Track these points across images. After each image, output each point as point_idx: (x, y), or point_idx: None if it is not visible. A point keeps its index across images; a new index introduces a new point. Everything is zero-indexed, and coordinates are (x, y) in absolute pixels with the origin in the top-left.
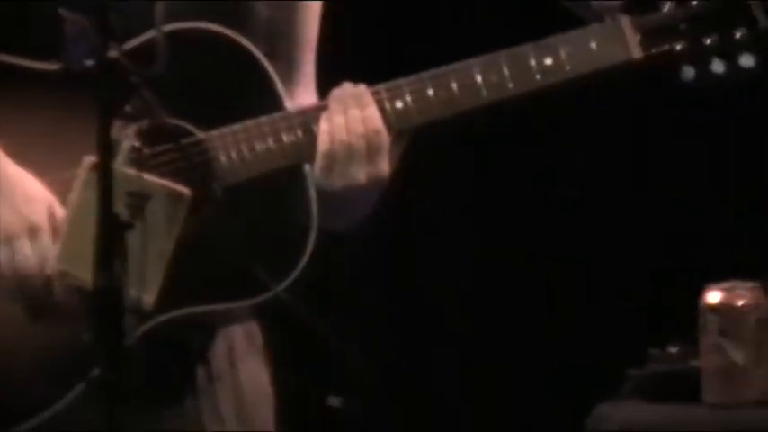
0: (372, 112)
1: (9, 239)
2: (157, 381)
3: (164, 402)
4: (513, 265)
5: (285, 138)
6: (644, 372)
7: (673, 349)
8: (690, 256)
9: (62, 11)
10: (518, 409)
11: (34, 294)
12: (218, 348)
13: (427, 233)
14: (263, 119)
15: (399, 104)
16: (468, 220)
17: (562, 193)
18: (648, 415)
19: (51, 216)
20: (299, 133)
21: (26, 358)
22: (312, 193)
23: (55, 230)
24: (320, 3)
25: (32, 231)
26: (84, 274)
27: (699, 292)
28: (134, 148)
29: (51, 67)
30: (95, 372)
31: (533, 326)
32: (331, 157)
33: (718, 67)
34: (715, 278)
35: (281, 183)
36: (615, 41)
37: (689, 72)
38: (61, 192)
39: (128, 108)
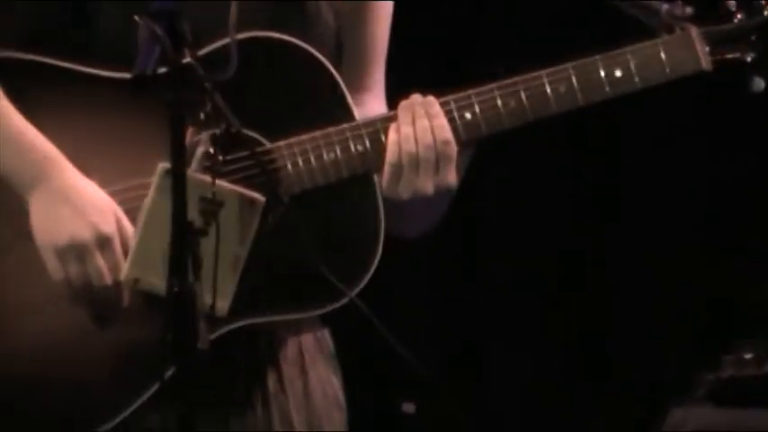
0: (442, 123)
1: (80, 251)
2: (227, 387)
3: (233, 409)
4: (586, 269)
5: (353, 147)
6: (718, 377)
7: (747, 355)
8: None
9: (135, 17)
10: (591, 414)
11: (103, 304)
12: (289, 354)
13: (487, 236)
14: (332, 129)
15: (468, 115)
16: (528, 220)
17: (632, 196)
18: (722, 420)
19: (120, 225)
20: (368, 143)
21: (93, 364)
22: (380, 201)
23: (122, 239)
24: (391, 4)
25: (103, 242)
26: (158, 281)
27: None
28: (208, 155)
29: (121, 75)
30: (165, 376)
31: (607, 330)
32: (399, 167)
33: None
34: None
35: (350, 189)
36: (685, 53)
37: (759, 83)
38: (132, 198)
39: (201, 114)
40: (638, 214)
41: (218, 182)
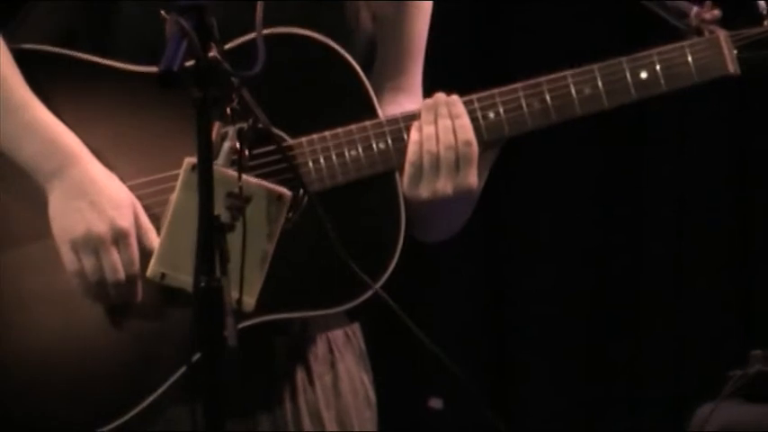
0: (464, 123)
1: (95, 245)
2: (255, 384)
3: (261, 406)
4: (612, 267)
5: (375, 146)
6: (745, 373)
7: None
8: None
9: (162, 12)
10: (620, 409)
11: (119, 299)
12: (319, 350)
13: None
14: (354, 126)
15: (492, 115)
16: (560, 218)
17: (662, 194)
18: (750, 416)
19: (138, 220)
20: (389, 142)
21: (107, 357)
22: (401, 201)
23: (141, 234)
24: (430, 5)
25: (118, 236)
26: (184, 276)
27: None
28: (235, 150)
29: (148, 69)
30: (188, 369)
31: (634, 326)
32: (419, 167)
33: None
34: None
35: (372, 188)
36: (713, 56)
37: None
38: (158, 192)
39: (228, 109)
40: (665, 213)
41: (244, 177)
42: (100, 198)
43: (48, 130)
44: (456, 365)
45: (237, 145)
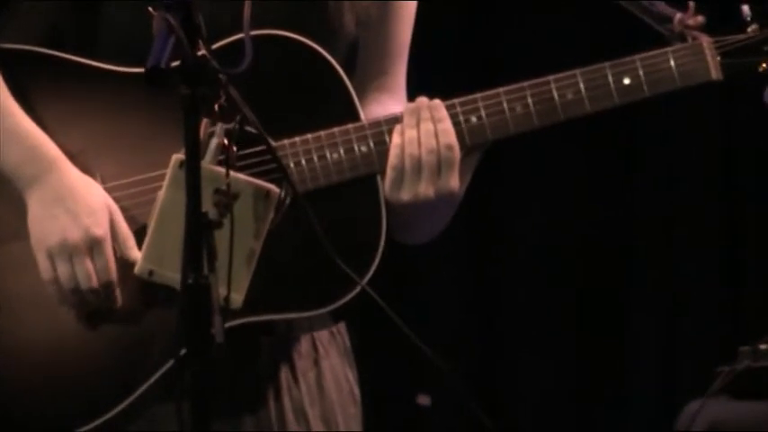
0: (446, 127)
1: (69, 252)
2: (238, 384)
3: (245, 405)
4: (598, 265)
5: (357, 149)
6: (733, 369)
7: (763, 346)
8: None
9: (150, 8)
10: (609, 407)
11: (94, 305)
12: (303, 348)
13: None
14: (336, 129)
15: (474, 119)
16: (544, 218)
17: (645, 193)
18: (738, 412)
19: (113, 225)
20: (372, 145)
21: (88, 360)
22: (383, 204)
23: (115, 239)
24: (414, 5)
25: (93, 244)
26: (172, 273)
27: None
28: (222, 147)
29: (134, 70)
30: (172, 366)
31: (622, 323)
32: (400, 170)
33: None
34: None
35: (353, 191)
36: (696, 62)
37: None
38: (145, 191)
39: (216, 106)
40: (653, 210)
41: (232, 173)
42: (76, 205)
43: (28, 137)
44: (443, 361)
45: (225, 142)
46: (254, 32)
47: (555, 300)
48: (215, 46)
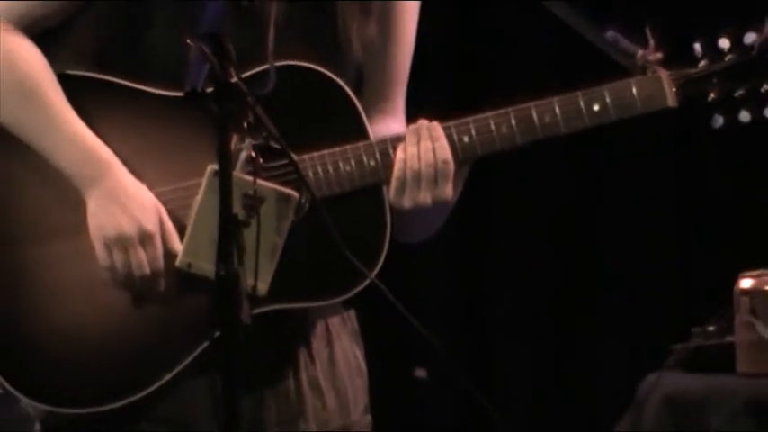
0: (443, 144)
1: (124, 243)
2: (262, 361)
3: (266, 382)
4: (566, 252)
5: (366, 162)
6: (686, 347)
7: (711, 327)
8: (727, 250)
9: (187, 40)
10: (578, 380)
11: (143, 290)
12: (318, 332)
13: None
14: (349, 147)
15: (466, 138)
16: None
17: (613, 189)
18: (689, 384)
19: (162, 223)
20: (379, 159)
21: (129, 338)
22: (388, 209)
23: (164, 235)
24: (414, 31)
25: (145, 237)
26: (207, 265)
27: (734, 279)
28: (250, 158)
29: (173, 93)
30: (200, 348)
31: (591, 309)
32: (403, 181)
33: (744, 116)
34: (748, 267)
35: (362, 198)
36: (655, 91)
37: (718, 120)
38: (181, 198)
39: (244, 123)
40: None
41: (258, 181)
42: (130, 203)
43: (87, 143)
44: (440, 344)
45: (252, 154)
46: (278, 63)
47: (534, 291)
48: (244, 75)
